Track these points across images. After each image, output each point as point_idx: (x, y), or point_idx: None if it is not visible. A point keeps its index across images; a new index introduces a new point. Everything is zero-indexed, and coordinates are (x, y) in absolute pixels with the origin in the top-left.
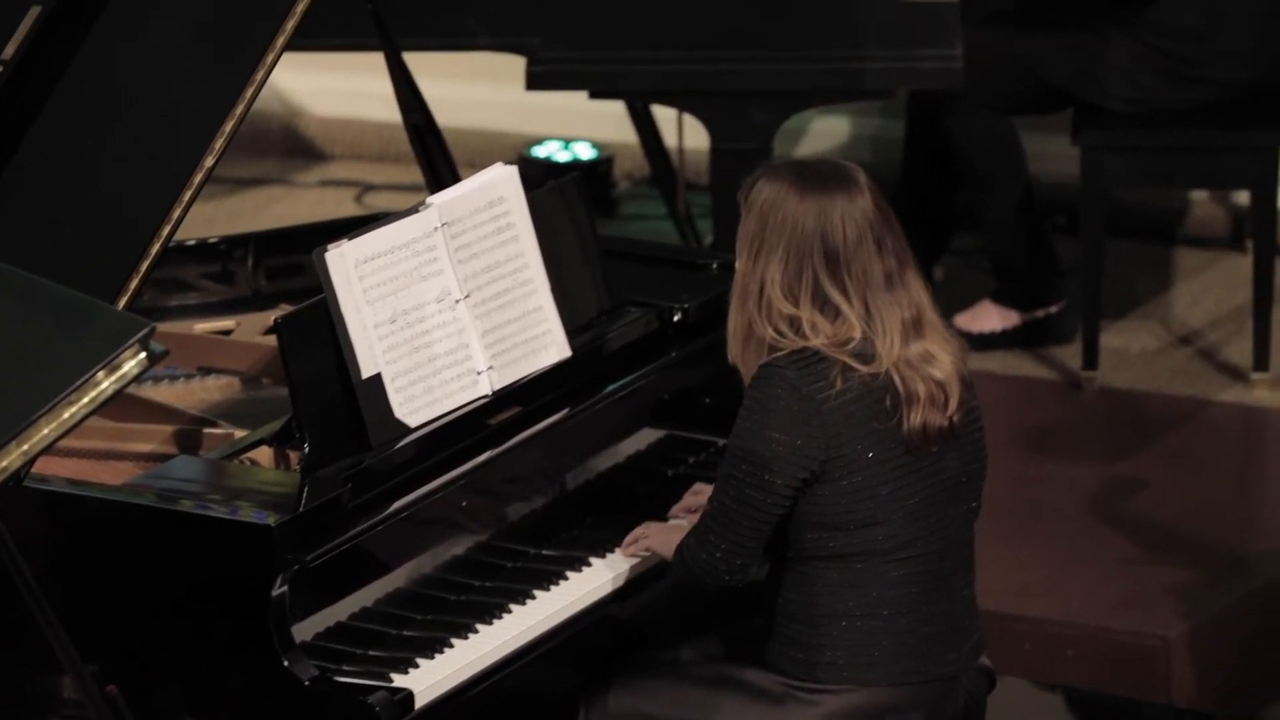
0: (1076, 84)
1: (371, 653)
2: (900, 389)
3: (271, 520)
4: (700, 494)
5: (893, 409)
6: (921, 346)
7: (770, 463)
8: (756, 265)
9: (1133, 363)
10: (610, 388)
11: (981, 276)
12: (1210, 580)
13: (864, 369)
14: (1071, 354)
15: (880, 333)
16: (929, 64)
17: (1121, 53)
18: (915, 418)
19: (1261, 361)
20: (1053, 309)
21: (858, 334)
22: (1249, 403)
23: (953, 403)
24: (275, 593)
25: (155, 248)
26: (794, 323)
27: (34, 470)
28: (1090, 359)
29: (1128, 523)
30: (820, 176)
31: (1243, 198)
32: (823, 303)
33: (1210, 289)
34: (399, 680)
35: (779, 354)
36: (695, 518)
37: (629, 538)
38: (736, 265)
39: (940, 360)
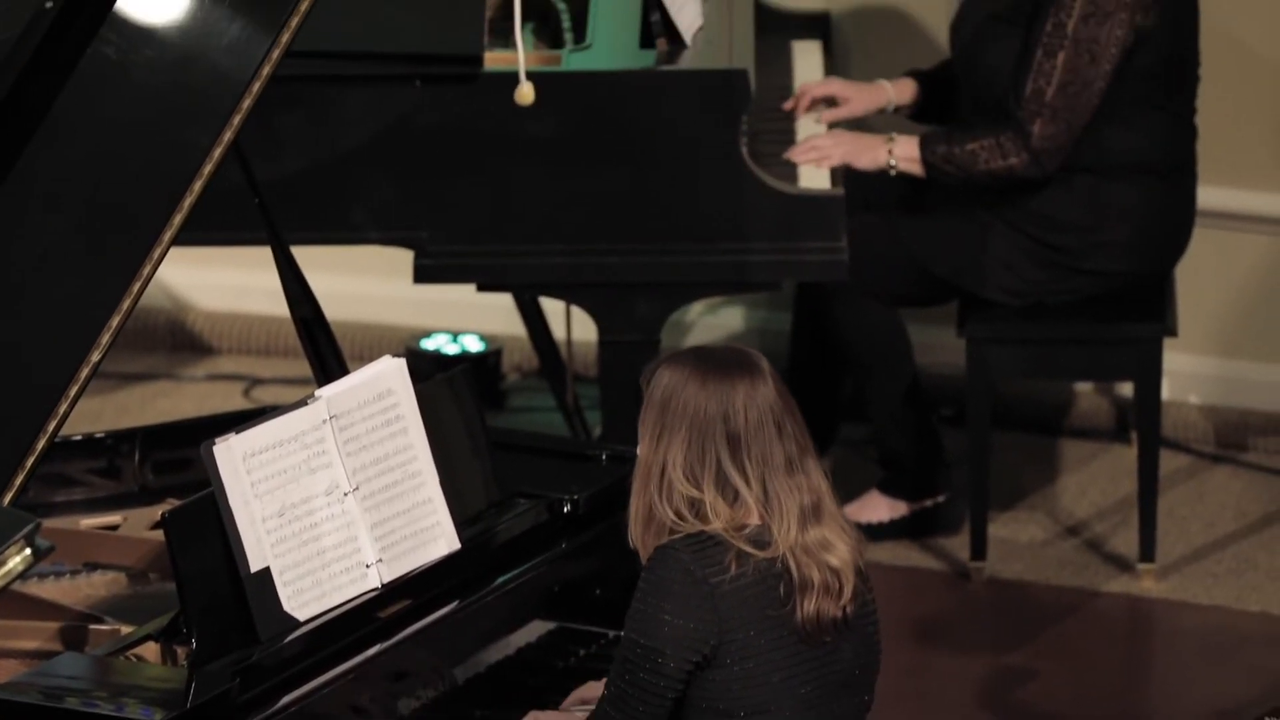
0: (961, 276)
1: None
2: (795, 575)
3: (158, 717)
4: (592, 688)
5: (786, 596)
6: (819, 533)
7: (663, 645)
8: (658, 449)
9: (1020, 553)
10: (500, 580)
11: (869, 467)
12: None
13: (759, 554)
14: (959, 544)
15: (778, 517)
16: (814, 256)
17: (1004, 245)
18: (809, 605)
19: (1148, 553)
20: (940, 499)
21: (754, 519)
22: (1136, 593)
23: (847, 592)
24: None
25: (41, 443)
26: (695, 505)
27: None
28: (978, 549)
29: (1016, 713)
30: (722, 363)
31: (1127, 389)
32: (723, 485)
33: (1096, 480)
34: None
35: (675, 537)
36: (588, 708)
37: None
38: (638, 450)
39: (837, 549)
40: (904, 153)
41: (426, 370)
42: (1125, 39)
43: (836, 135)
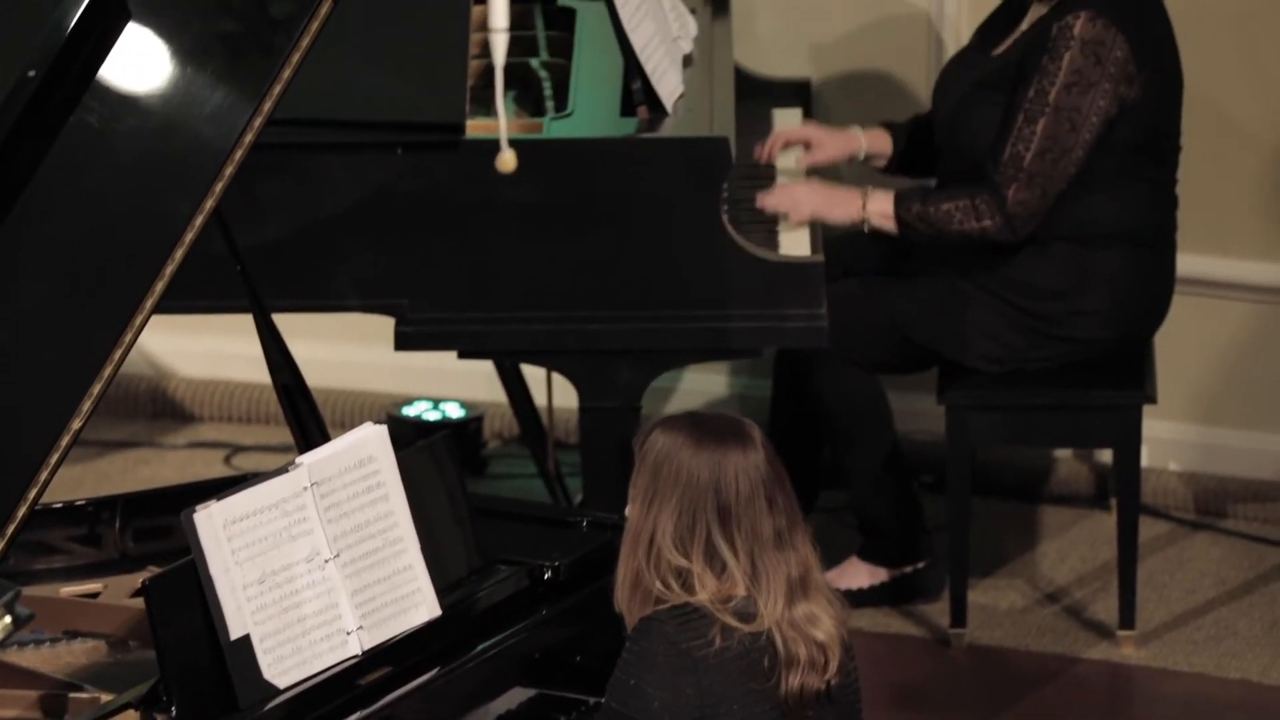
0: (941, 343)
1: None
2: (781, 650)
3: None
4: None
5: (770, 670)
6: (806, 607)
7: (644, 717)
8: (649, 515)
9: (1000, 620)
10: (480, 646)
11: (849, 533)
12: None
13: (745, 628)
14: (939, 611)
15: (765, 590)
16: (795, 323)
17: (985, 312)
18: (794, 680)
19: (1128, 620)
20: (920, 565)
21: (741, 591)
22: (1116, 660)
23: (832, 666)
24: None
25: (22, 511)
26: (682, 575)
27: None
28: (958, 616)
29: None
30: (715, 430)
31: (1107, 456)
32: (712, 557)
33: (1076, 547)
34: None
35: (661, 608)
36: None
37: None
38: (628, 513)
39: (824, 623)
40: (878, 208)
41: (408, 437)
42: (1108, 109)
43: (811, 186)
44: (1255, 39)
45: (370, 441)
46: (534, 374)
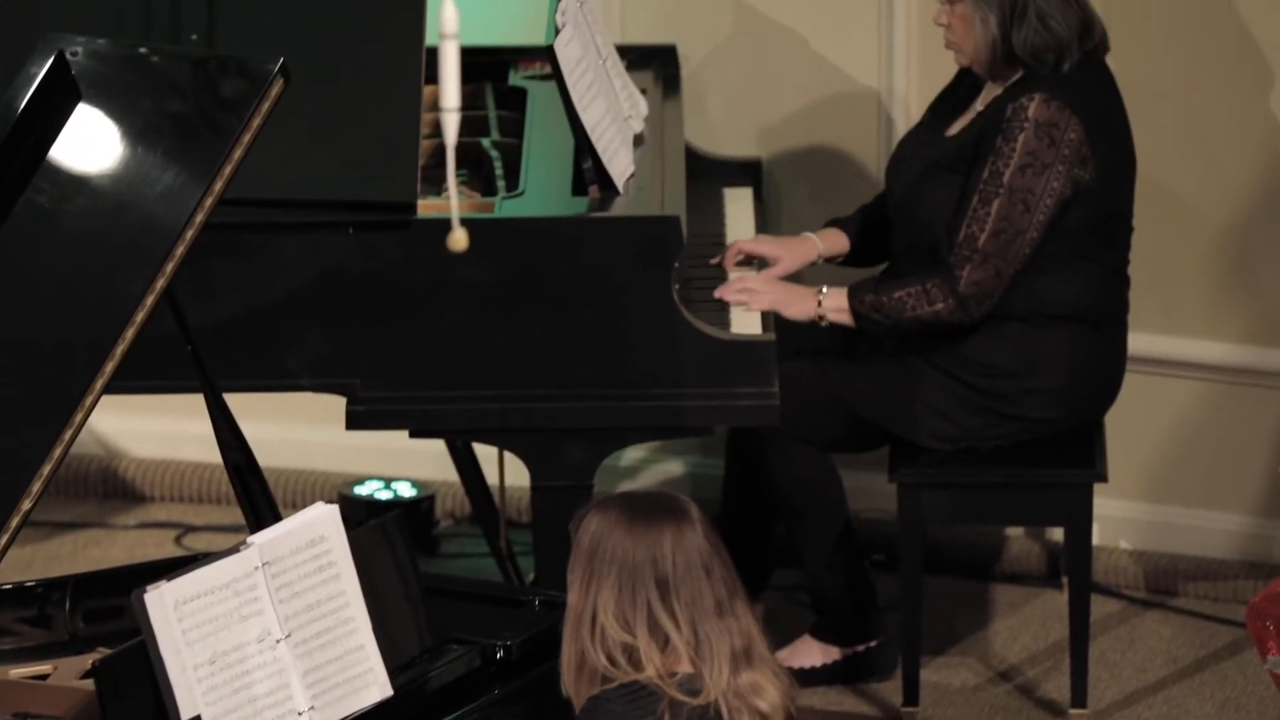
0: (892, 421)
1: None
2: None
3: None
4: None
5: None
6: (751, 677)
7: None
8: (588, 596)
9: (953, 698)
10: None
11: (801, 612)
12: None
13: (692, 701)
14: (892, 689)
15: (709, 661)
16: (746, 401)
17: (936, 390)
18: None
19: (1079, 698)
20: (873, 644)
21: (686, 665)
22: None
23: None
24: None
25: None
26: (628, 650)
27: None
28: (911, 695)
29: None
30: (649, 508)
31: (1058, 534)
32: (654, 629)
33: (1028, 624)
34: None
35: (608, 686)
36: None
37: None
38: (569, 598)
39: (768, 693)
40: (833, 304)
41: (359, 516)
42: (1062, 190)
43: (768, 280)
44: (1204, 123)
45: (322, 521)
46: (486, 452)
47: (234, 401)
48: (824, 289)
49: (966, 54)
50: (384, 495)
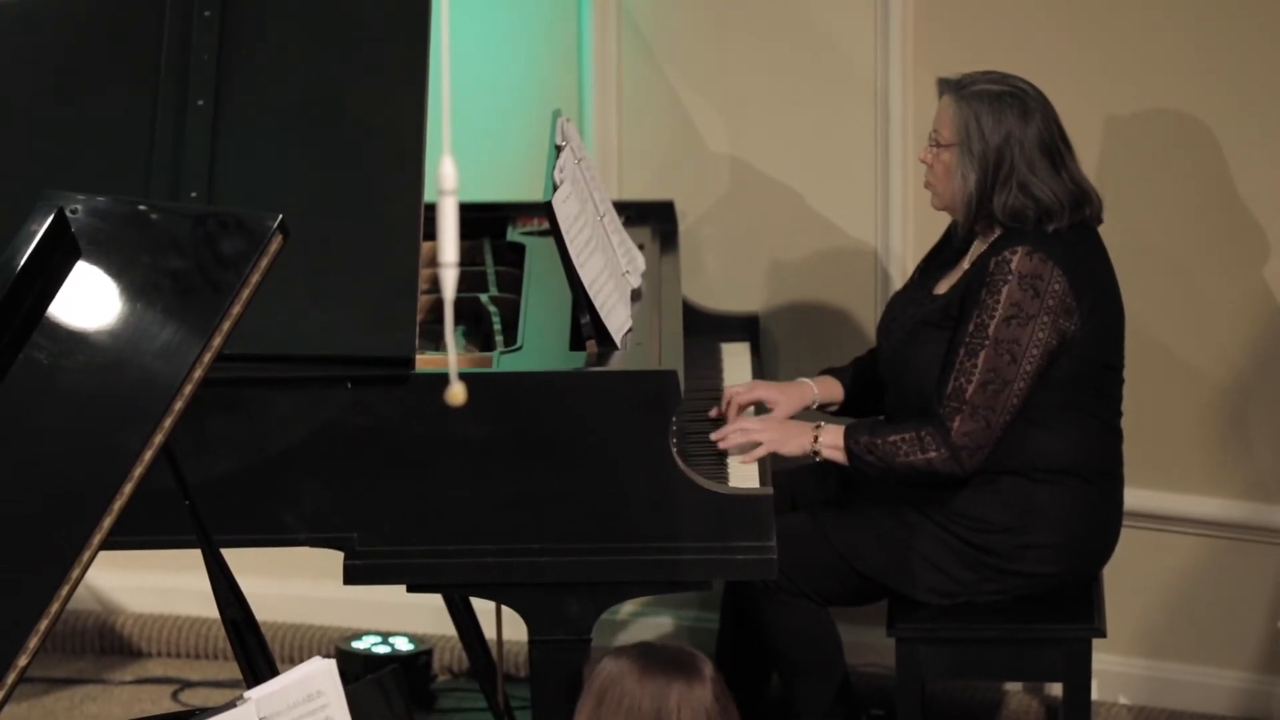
0: (889, 575)
1: None
2: None
3: None
4: None
5: None
6: None
7: None
8: None
9: None
10: None
11: None
12: None
13: None
14: None
15: None
16: (744, 555)
17: (932, 545)
18: None
19: None
20: None
21: None
22: None
23: None
24: None
25: None
26: None
27: None
28: None
29: None
30: (664, 660)
31: (1056, 689)
32: None
33: None
34: None
35: None
36: None
37: None
38: None
39: None
40: (829, 440)
41: (356, 671)
42: (1048, 341)
43: (765, 421)
44: (1195, 279)
45: (318, 676)
46: (483, 606)
47: (231, 557)
48: (821, 424)
49: (942, 199)
50: (381, 650)
